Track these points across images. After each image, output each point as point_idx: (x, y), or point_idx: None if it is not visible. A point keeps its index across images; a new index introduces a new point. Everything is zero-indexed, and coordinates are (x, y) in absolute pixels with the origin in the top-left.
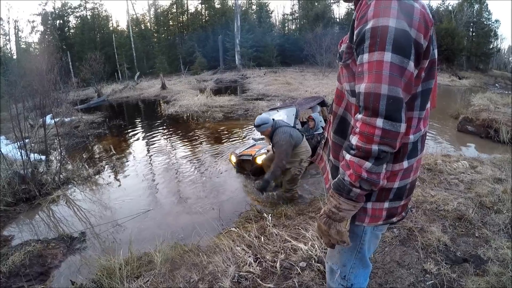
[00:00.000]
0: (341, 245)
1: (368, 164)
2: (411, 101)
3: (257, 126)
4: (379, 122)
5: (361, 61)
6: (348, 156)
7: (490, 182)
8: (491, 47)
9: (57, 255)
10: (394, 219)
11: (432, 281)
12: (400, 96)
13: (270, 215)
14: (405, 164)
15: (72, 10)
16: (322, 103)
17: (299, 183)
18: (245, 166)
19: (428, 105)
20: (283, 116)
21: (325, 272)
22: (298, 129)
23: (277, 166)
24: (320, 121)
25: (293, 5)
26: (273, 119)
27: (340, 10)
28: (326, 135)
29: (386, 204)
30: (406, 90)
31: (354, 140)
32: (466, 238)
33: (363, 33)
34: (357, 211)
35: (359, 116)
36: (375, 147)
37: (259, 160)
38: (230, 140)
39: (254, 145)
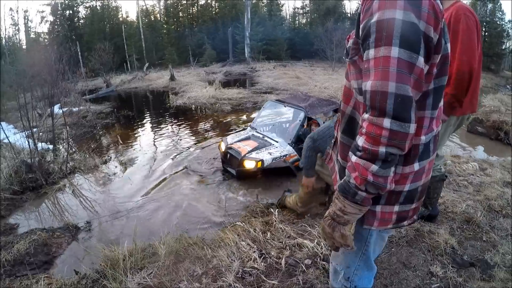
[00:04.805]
0: (345, 249)
1: (374, 167)
2: (422, 100)
3: None
4: (387, 122)
5: (367, 57)
6: (354, 158)
7: (499, 185)
8: (503, 47)
9: (61, 244)
10: (405, 223)
11: (438, 285)
12: (409, 94)
13: (277, 210)
14: (416, 166)
15: (81, 0)
16: (337, 110)
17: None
18: (231, 161)
19: (441, 104)
20: (289, 115)
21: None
22: (300, 134)
23: None
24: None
25: None
26: None
27: (351, 5)
28: (335, 134)
29: (396, 208)
30: (416, 88)
31: (360, 141)
32: (474, 242)
33: (369, 27)
34: (365, 214)
35: (365, 115)
36: (382, 149)
37: (248, 165)
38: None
39: (248, 138)
